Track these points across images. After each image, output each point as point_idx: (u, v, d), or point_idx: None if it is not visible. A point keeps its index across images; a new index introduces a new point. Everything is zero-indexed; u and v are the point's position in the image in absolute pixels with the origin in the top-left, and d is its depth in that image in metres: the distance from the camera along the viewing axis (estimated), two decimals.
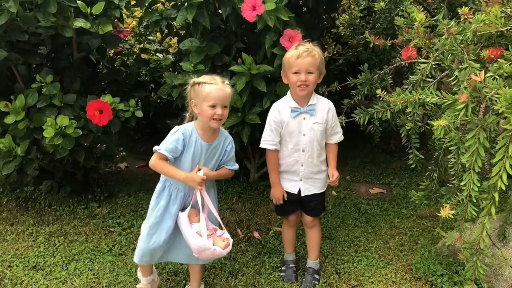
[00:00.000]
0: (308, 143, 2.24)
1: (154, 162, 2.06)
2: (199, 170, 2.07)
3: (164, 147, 2.04)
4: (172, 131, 2.09)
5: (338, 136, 2.34)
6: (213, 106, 2.00)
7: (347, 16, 3.78)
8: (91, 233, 2.97)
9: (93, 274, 2.55)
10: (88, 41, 2.86)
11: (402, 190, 3.61)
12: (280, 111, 2.26)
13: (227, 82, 2.09)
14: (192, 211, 2.12)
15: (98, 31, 2.72)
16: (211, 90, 2.01)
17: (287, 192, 2.37)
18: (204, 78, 2.05)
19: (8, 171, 2.84)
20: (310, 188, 2.34)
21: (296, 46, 2.19)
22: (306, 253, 2.61)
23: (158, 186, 2.17)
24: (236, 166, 2.24)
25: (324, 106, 2.27)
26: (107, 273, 2.55)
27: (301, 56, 2.12)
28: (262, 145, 2.32)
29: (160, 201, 2.13)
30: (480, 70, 1.75)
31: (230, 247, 2.09)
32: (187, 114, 2.17)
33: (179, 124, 2.16)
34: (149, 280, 2.35)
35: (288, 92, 2.30)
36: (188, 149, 2.07)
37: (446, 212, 1.78)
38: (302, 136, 2.24)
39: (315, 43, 2.23)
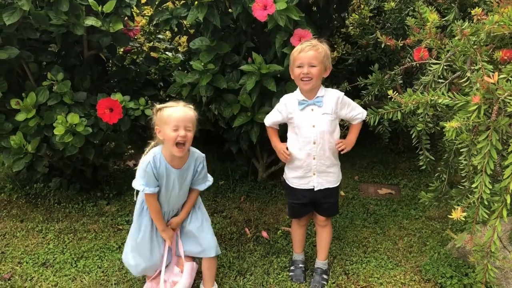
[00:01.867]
0: (319, 134, 2.23)
1: (147, 201, 2.13)
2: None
3: (145, 183, 2.05)
4: (142, 166, 2.06)
5: (360, 116, 2.33)
6: (175, 129, 1.98)
7: (356, 16, 3.77)
8: (100, 231, 2.99)
9: (102, 272, 2.56)
10: (99, 39, 2.86)
11: (411, 191, 3.59)
12: (287, 104, 2.30)
13: (191, 106, 2.08)
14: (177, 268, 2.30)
15: (109, 30, 2.73)
16: (172, 112, 2.00)
17: (299, 191, 2.36)
18: (167, 104, 2.06)
19: (19, 168, 2.85)
20: (323, 182, 2.33)
21: (302, 42, 2.24)
22: (315, 253, 2.60)
23: (137, 206, 2.21)
24: (209, 182, 2.28)
25: (332, 97, 2.25)
26: (116, 271, 2.56)
27: (304, 50, 2.16)
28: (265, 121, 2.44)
29: (142, 220, 2.20)
30: (493, 72, 1.74)
31: None
32: (153, 143, 2.16)
33: None
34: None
35: (298, 88, 2.32)
36: (160, 179, 2.08)
37: (457, 214, 1.76)
38: (312, 127, 2.23)
39: (322, 39, 2.25)
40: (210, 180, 2.28)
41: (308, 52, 2.14)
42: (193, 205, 2.29)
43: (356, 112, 2.31)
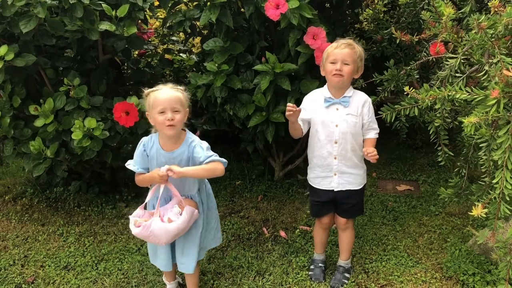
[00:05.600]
0: (341, 134, 2.20)
1: (136, 180, 2.11)
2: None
3: (133, 162, 2.07)
4: (138, 144, 2.09)
5: (374, 133, 2.29)
6: (162, 112, 1.92)
7: (370, 11, 3.73)
8: (120, 233, 3.02)
9: (123, 274, 2.59)
10: (114, 43, 2.89)
11: (430, 186, 3.54)
12: (313, 99, 2.29)
13: (179, 87, 2.01)
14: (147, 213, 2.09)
15: (123, 33, 2.75)
16: (156, 95, 1.95)
17: (321, 191, 2.34)
18: (155, 87, 2.00)
19: (39, 172, 2.90)
20: (344, 183, 2.29)
21: (337, 40, 2.23)
22: (334, 252, 2.59)
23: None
24: (217, 158, 1.99)
25: (360, 99, 2.24)
26: (136, 273, 2.58)
27: (339, 47, 2.16)
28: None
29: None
30: None
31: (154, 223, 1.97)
32: (153, 130, 2.10)
33: (201, 124, 2.17)
34: (174, 285, 2.42)
35: (325, 85, 2.30)
36: (151, 160, 2.06)
37: (478, 211, 1.73)
38: (335, 127, 2.21)
39: (357, 40, 2.25)
40: (213, 156, 2.00)
41: (344, 50, 2.14)
42: (206, 174, 2.03)
43: (374, 126, 2.28)
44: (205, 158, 2.00)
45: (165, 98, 1.93)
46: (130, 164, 2.07)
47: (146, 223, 1.96)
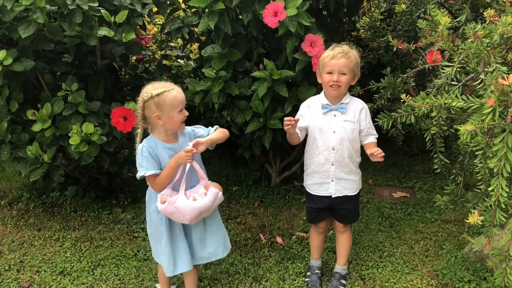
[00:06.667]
0: (338, 140, 2.21)
1: (154, 186, 2.07)
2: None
3: (145, 169, 2.01)
4: (138, 152, 2.03)
5: (373, 137, 2.29)
6: (181, 110, 2.02)
7: (367, 19, 3.76)
8: (116, 239, 3.01)
9: (119, 280, 2.58)
10: (112, 49, 2.90)
11: (426, 193, 3.56)
12: (310, 106, 2.29)
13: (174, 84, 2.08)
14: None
15: (122, 39, 2.76)
16: (176, 95, 1.99)
17: (318, 197, 2.34)
18: (158, 87, 1.98)
19: (35, 177, 2.90)
20: (341, 189, 2.30)
21: (333, 47, 2.21)
22: (331, 258, 2.59)
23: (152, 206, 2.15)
24: (216, 126, 2.22)
25: (357, 106, 2.25)
26: (133, 279, 2.58)
27: (336, 57, 2.14)
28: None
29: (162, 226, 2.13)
30: (508, 74, 1.72)
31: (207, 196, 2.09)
32: (138, 131, 2.04)
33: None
34: None
35: (322, 91, 2.30)
36: (161, 159, 2.05)
37: (474, 218, 1.75)
38: (332, 133, 2.22)
39: (352, 45, 2.23)
40: (216, 126, 2.23)
41: (340, 60, 2.13)
42: (220, 139, 2.19)
43: (372, 132, 2.29)
44: (209, 130, 2.21)
45: (182, 97, 2.03)
46: (147, 171, 2.01)
47: (171, 198, 2.03)
